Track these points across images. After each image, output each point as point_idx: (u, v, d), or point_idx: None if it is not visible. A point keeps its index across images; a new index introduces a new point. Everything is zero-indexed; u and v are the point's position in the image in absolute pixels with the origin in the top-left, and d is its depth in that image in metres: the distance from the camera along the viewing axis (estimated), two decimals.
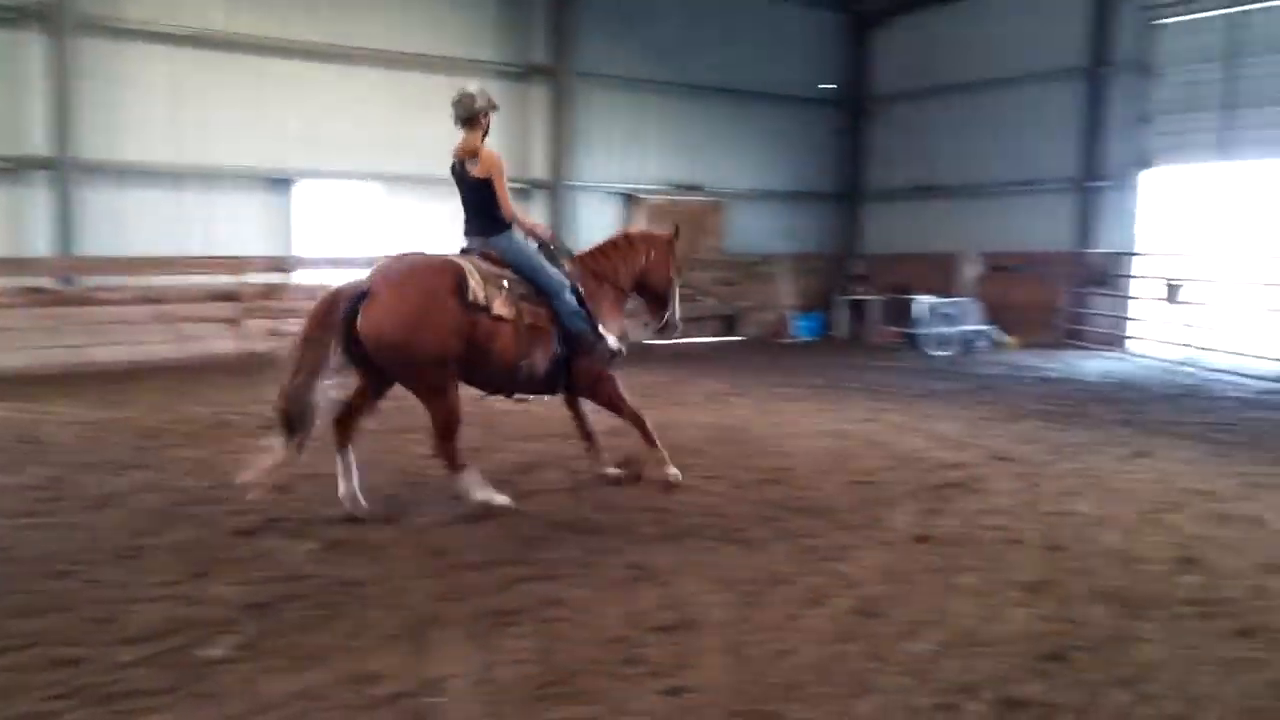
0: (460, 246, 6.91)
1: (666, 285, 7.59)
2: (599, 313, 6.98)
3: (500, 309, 6.41)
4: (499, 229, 6.75)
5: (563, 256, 7.02)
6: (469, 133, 6.68)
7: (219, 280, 15.00)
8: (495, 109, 6.78)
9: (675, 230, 7.69)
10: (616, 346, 7.03)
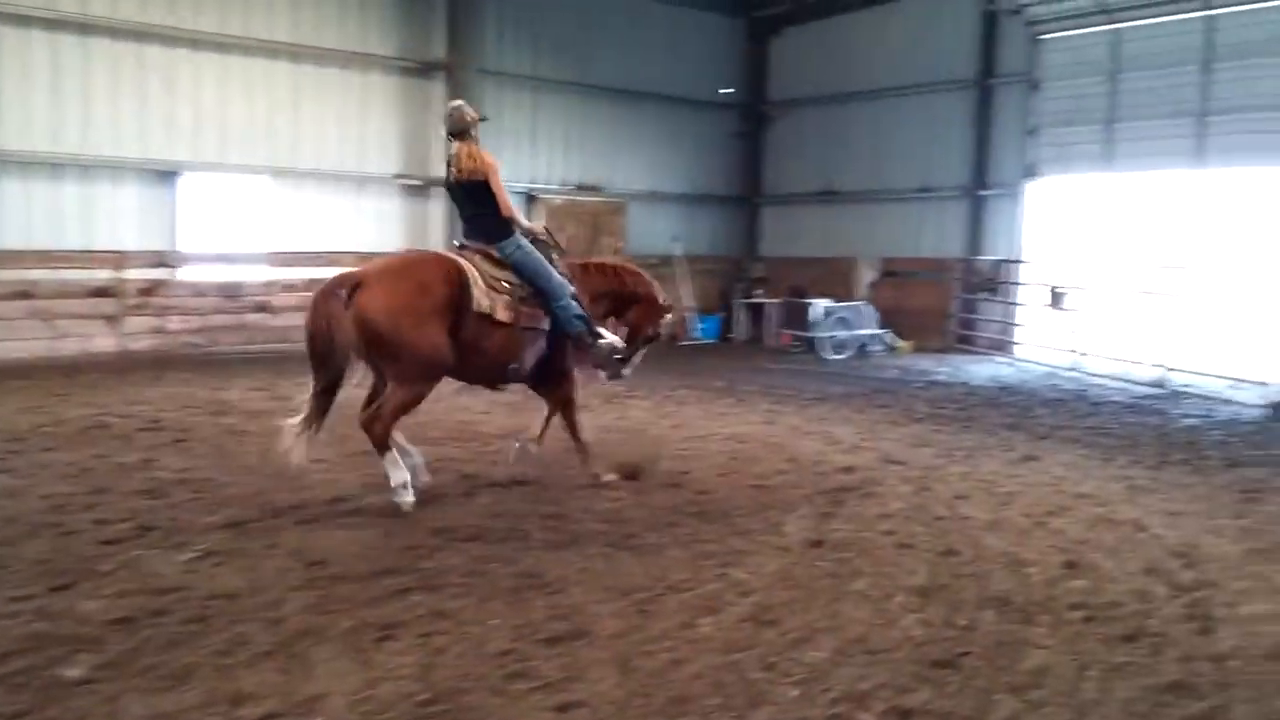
0: (458, 243, 7.05)
1: (644, 334, 7.81)
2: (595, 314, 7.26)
3: (502, 314, 6.58)
4: (504, 234, 6.86)
5: (555, 255, 7.16)
6: (461, 144, 6.91)
7: (98, 275, 14.39)
8: (484, 119, 7.13)
9: (668, 307, 7.95)
10: (616, 342, 7.31)
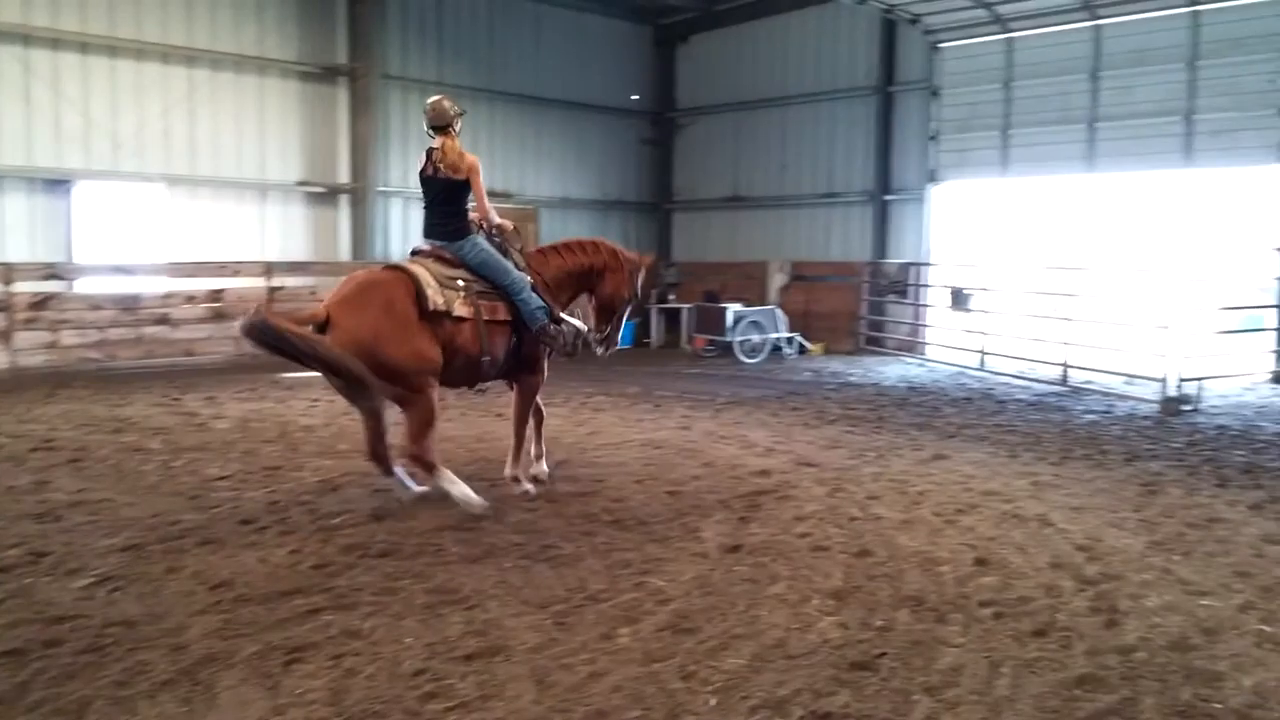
0: (412, 248, 7.26)
1: (619, 301, 7.81)
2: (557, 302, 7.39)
3: (460, 309, 6.73)
4: (461, 234, 7.06)
5: (516, 250, 7.32)
6: (443, 139, 7.07)
7: None
8: (463, 113, 7.31)
9: (654, 261, 7.85)
10: (581, 326, 7.44)
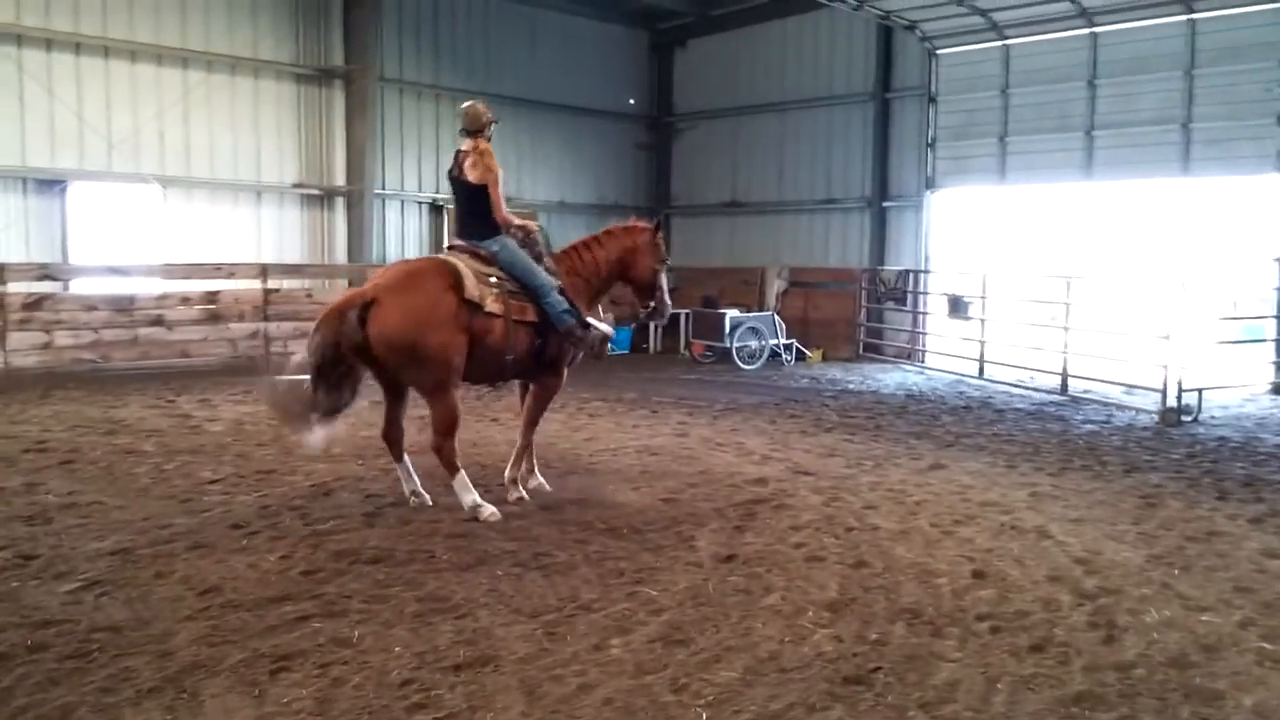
0: (448, 245, 7.48)
1: (651, 273, 7.89)
2: (582, 304, 7.41)
3: (492, 305, 6.89)
4: (491, 233, 7.21)
5: (544, 253, 7.37)
6: (472, 142, 7.23)
7: None
8: (496, 121, 7.46)
9: (657, 224, 8.00)
10: (607, 330, 7.50)
